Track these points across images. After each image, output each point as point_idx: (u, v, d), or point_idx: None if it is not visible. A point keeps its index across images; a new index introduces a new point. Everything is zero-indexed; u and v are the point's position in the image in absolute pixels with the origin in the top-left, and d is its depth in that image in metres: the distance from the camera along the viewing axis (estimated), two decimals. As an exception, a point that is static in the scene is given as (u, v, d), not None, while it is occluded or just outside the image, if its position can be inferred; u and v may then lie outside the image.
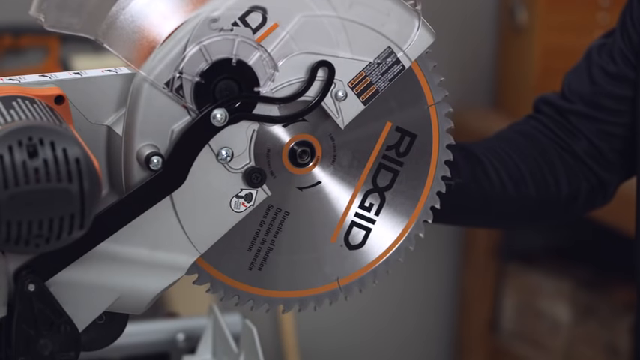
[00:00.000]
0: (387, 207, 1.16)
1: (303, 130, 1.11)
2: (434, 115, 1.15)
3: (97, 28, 1.04)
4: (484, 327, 3.19)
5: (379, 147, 1.14)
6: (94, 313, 1.05)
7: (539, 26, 3.03)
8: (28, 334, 0.99)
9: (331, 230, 1.15)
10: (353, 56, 1.07)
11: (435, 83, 1.14)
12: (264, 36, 1.02)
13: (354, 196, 1.15)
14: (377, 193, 1.15)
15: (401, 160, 1.15)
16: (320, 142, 1.12)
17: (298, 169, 1.12)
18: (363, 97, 1.09)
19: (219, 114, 1.02)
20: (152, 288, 1.07)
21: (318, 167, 1.13)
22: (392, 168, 1.15)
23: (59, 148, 0.89)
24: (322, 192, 1.14)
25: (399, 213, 1.17)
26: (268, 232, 1.13)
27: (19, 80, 1.01)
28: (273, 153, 1.10)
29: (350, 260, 1.16)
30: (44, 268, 1.00)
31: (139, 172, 1.02)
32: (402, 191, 1.16)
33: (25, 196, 0.88)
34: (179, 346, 1.50)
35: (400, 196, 1.16)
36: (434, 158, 1.16)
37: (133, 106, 1.01)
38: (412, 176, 1.16)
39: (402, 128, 1.14)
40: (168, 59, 0.99)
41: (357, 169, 1.14)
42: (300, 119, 1.09)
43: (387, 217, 1.17)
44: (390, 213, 1.16)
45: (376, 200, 1.15)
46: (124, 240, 1.03)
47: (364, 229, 1.16)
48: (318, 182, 1.13)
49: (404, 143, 1.15)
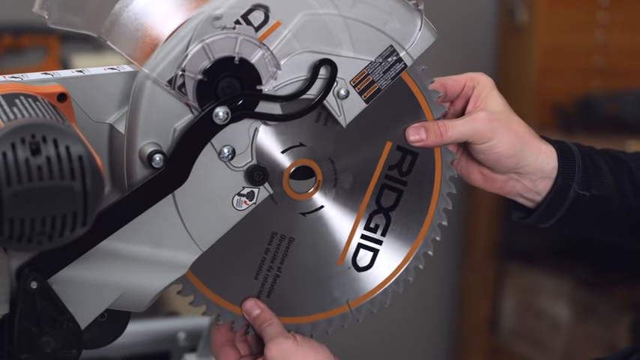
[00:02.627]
0: (393, 227, 1.16)
1: (302, 155, 1.11)
2: None
3: (99, 26, 1.04)
4: (484, 326, 3.19)
5: (381, 167, 1.13)
6: (96, 310, 1.05)
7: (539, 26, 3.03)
8: (30, 331, 0.99)
9: (338, 253, 1.15)
10: (355, 55, 1.07)
11: (432, 100, 1.14)
12: (267, 34, 1.02)
13: (358, 218, 1.14)
14: (382, 213, 1.15)
15: (404, 179, 1.15)
16: (320, 166, 1.12)
17: (300, 195, 1.12)
18: (365, 96, 1.09)
19: (221, 112, 1.02)
20: (154, 286, 1.07)
21: (320, 191, 1.13)
22: (395, 187, 1.15)
23: (62, 145, 0.89)
24: (326, 216, 1.14)
25: (406, 232, 1.16)
26: (274, 259, 1.13)
27: (21, 78, 1.01)
28: (275, 181, 1.10)
29: (359, 282, 1.16)
30: (46, 266, 1.00)
31: (142, 169, 1.02)
32: (407, 210, 1.16)
33: (28, 193, 0.88)
34: (180, 344, 1.50)
35: (406, 216, 1.16)
36: (437, 175, 1.16)
37: (135, 104, 1.01)
38: (416, 194, 1.16)
39: (402, 147, 1.13)
40: (171, 57, 1.00)
41: (359, 191, 1.14)
42: (299, 144, 1.10)
43: (393, 237, 1.16)
44: (397, 233, 1.16)
45: (381, 221, 1.15)
46: (127, 238, 1.03)
47: (371, 251, 1.16)
48: (321, 206, 1.13)
49: (406, 162, 1.14)
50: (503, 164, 1.17)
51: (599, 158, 1.21)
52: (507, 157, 1.16)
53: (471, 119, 1.15)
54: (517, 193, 1.20)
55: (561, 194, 1.19)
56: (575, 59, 3.06)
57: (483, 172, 1.20)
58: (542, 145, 1.19)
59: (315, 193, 1.13)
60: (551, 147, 1.19)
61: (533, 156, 1.18)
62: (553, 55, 3.04)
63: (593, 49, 3.06)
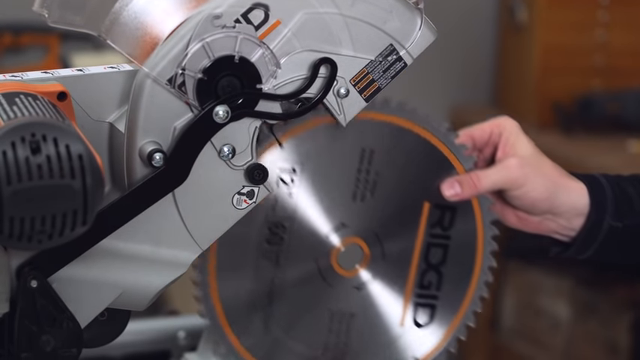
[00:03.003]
0: (445, 280, 1.18)
1: (346, 234, 1.14)
2: None
3: (100, 25, 1.04)
4: (484, 325, 3.19)
5: (423, 228, 1.16)
6: (97, 309, 1.05)
7: (539, 24, 3.03)
8: (30, 330, 0.99)
9: (398, 316, 1.17)
10: (355, 54, 1.07)
11: (461, 153, 1.16)
12: (267, 33, 1.02)
13: (411, 280, 1.17)
14: (432, 270, 1.17)
15: (447, 234, 1.17)
16: (365, 241, 1.14)
17: (351, 272, 1.15)
18: (365, 95, 1.09)
19: (221, 111, 1.02)
20: (155, 284, 1.07)
21: (370, 264, 1.15)
22: (441, 243, 1.17)
23: (62, 144, 0.89)
24: (379, 285, 1.16)
25: (459, 281, 1.19)
26: (339, 337, 1.15)
27: (21, 77, 1.01)
28: (323, 263, 1.13)
29: (423, 339, 1.18)
30: (47, 265, 1.00)
31: (142, 168, 1.02)
32: (456, 261, 1.18)
33: (28, 192, 0.88)
34: (180, 343, 1.50)
35: (456, 266, 1.18)
36: (479, 222, 1.18)
37: (135, 103, 1.01)
38: (462, 243, 1.18)
39: (440, 204, 1.16)
40: (171, 56, 1.00)
41: (407, 255, 1.16)
42: (341, 225, 1.13)
43: (448, 288, 1.18)
44: (450, 284, 1.18)
45: (434, 277, 1.18)
46: (127, 236, 1.03)
47: (429, 306, 1.18)
48: (374, 277, 1.16)
49: (446, 217, 1.17)
50: (538, 207, 1.20)
51: (628, 185, 1.24)
52: (541, 201, 1.19)
53: (502, 167, 1.18)
54: (553, 231, 1.23)
55: (595, 228, 1.21)
56: (576, 58, 3.06)
57: (519, 215, 1.22)
58: (572, 183, 1.21)
59: (364, 267, 1.16)
60: (581, 184, 1.21)
61: (566, 196, 1.20)
62: (553, 54, 3.04)
63: (594, 48, 3.06)
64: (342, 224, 1.13)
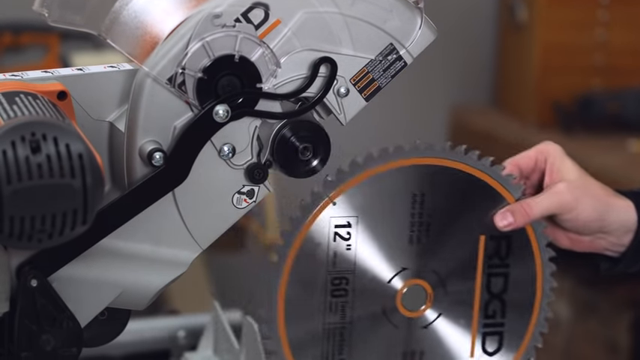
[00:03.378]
0: (509, 307, 1.21)
1: (408, 277, 1.16)
2: None
3: (100, 24, 1.04)
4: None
5: (482, 261, 1.18)
6: (97, 308, 1.05)
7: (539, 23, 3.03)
8: (30, 329, 0.99)
9: (468, 348, 1.20)
10: (355, 53, 1.07)
11: (509, 183, 1.17)
12: (267, 32, 1.02)
13: (475, 312, 1.19)
14: (496, 299, 1.20)
15: (506, 262, 1.20)
16: (427, 280, 1.17)
17: (416, 312, 1.18)
18: (365, 94, 1.09)
19: (221, 110, 1.02)
20: (154, 284, 1.07)
21: (434, 303, 1.18)
22: (501, 272, 1.20)
23: (62, 143, 0.89)
24: (446, 320, 1.19)
25: (522, 306, 1.21)
26: None
27: (21, 76, 1.01)
28: (389, 307, 1.16)
29: None
30: (47, 264, 1.00)
31: (142, 167, 1.02)
32: (517, 286, 1.21)
33: (28, 191, 0.88)
34: (180, 343, 1.50)
35: (517, 291, 1.21)
36: (535, 247, 1.20)
37: (135, 102, 1.01)
38: (521, 269, 1.20)
39: (495, 235, 1.18)
40: (171, 55, 1.00)
41: (469, 289, 1.19)
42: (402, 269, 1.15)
43: (512, 314, 1.21)
44: (514, 310, 1.21)
45: (497, 306, 1.20)
46: (127, 236, 1.03)
47: (497, 334, 1.21)
48: (439, 314, 1.18)
49: (502, 247, 1.19)
50: (589, 228, 1.22)
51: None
52: (592, 222, 1.21)
53: (552, 193, 1.20)
54: (603, 249, 1.26)
55: None
56: (576, 57, 3.06)
57: (570, 237, 1.24)
58: (619, 201, 1.23)
59: (429, 306, 1.18)
60: (628, 201, 1.24)
61: (615, 215, 1.22)
62: (553, 54, 3.04)
63: (594, 48, 3.07)
64: (402, 268, 1.16)
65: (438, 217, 1.16)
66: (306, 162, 1.07)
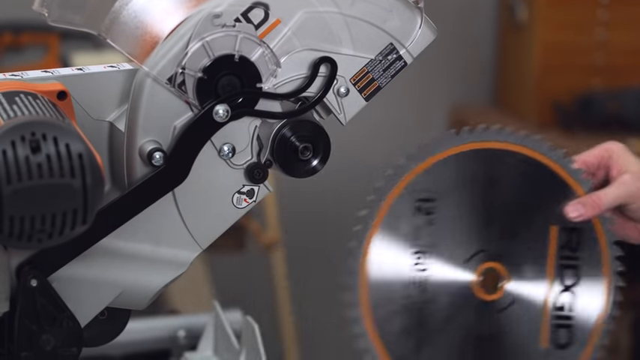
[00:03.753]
0: (579, 300, 1.23)
1: (484, 259, 1.19)
2: None
3: (99, 24, 1.04)
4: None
5: (554, 251, 1.21)
6: (97, 308, 1.05)
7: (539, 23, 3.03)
8: (30, 329, 0.99)
9: (538, 337, 1.22)
10: (355, 53, 1.07)
11: (579, 177, 1.21)
12: (267, 32, 1.02)
13: (547, 303, 1.22)
14: (567, 291, 1.22)
15: (577, 255, 1.22)
16: (502, 264, 1.20)
17: (492, 295, 1.20)
18: (365, 94, 1.09)
19: (221, 110, 1.02)
20: (154, 284, 1.07)
21: (509, 286, 1.20)
22: (572, 265, 1.22)
23: (62, 143, 0.89)
24: (519, 306, 1.21)
25: (591, 299, 1.24)
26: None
27: (21, 76, 1.01)
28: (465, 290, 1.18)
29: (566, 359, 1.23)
30: (46, 264, 1.00)
31: (142, 167, 1.02)
32: (586, 279, 1.23)
33: (28, 191, 0.88)
34: (180, 343, 1.50)
35: (586, 283, 1.23)
36: (602, 243, 1.23)
37: (135, 102, 1.01)
38: (591, 261, 1.23)
39: (566, 227, 1.21)
40: (171, 55, 1.00)
41: (542, 277, 1.21)
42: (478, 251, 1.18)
43: (582, 308, 1.24)
44: (584, 303, 1.24)
45: (568, 298, 1.22)
46: (127, 235, 1.03)
47: (567, 327, 1.23)
48: (513, 300, 1.21)
49: (573, 239, 1.22)
50: None
51: None
52: None
53: (619, 184, 1.23)
54: None
55: None
56: (576, 57, 3.06)
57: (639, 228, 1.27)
58: None
59: (503, 290, 1.20)
60: None
61: None
62: (553, 53, 3.04)
63: (594, 47, 3.06)
64: (479, 250, 1.19)
65: (513, 204, 1.19)
66: (306, 162, 1.07)
